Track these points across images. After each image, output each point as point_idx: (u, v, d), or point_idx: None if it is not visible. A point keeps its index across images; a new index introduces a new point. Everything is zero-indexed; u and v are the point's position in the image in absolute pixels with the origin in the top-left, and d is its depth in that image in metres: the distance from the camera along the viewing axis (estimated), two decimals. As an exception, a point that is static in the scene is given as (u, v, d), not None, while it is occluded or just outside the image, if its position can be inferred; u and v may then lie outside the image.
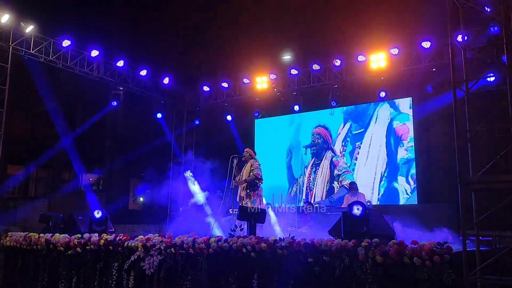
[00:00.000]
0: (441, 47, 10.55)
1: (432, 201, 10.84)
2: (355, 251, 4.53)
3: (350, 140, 12.50)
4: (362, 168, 12.18)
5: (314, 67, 12.29)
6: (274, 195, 10.78)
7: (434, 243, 4.29)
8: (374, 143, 12.11)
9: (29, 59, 10.91)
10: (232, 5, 14.13)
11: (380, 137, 12.03)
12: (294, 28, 13.65)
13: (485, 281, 4.41)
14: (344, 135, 12.63)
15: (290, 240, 4.97)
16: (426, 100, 11.43)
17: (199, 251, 5.46)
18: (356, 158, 12.32)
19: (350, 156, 12.42)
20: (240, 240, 5.24)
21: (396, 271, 4.33)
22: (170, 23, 16.15)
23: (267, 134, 14.07)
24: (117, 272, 6.03)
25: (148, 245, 5.81)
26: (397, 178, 11.57)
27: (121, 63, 12.71)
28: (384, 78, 11.42)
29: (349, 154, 12.46)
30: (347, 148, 12.53)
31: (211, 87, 14.25)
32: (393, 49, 11.06)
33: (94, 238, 6.38)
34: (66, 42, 11.25)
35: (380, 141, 12.02)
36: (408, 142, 11.61)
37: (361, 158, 12.25)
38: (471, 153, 4.92)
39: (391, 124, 11.94)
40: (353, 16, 11.98)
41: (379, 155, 11.99)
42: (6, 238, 7.63)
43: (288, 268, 4.88)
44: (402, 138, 11.73)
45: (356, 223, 5.00)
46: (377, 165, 11.97)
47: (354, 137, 12.45)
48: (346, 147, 12.53)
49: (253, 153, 8.10)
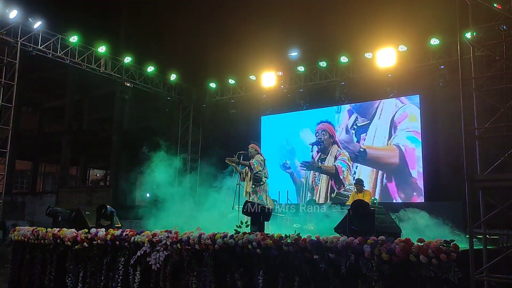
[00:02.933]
0: (449, 44, 10.46)
1: (439, 199, 10.78)
2: (361, 249, 4.51)
3: (355, 132, 12.46)
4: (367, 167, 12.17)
5: (321, 64, 12.25)
6: (280, 192, 10.81)
7: (441, 241, 4.26)
8: (378, 136, 12.07)
9: (37, 55, 10.96)
10: (239, 2, 14.12)
11: (384, 130, 11.99)
12: (301, 25, 13.60)
13: (492, 279, 4.38)
14: (349, 127, 12.60)
15: (295, 237, 4.97)
16: (434, 98, 11.36)
17: (205, 247, 5.47)
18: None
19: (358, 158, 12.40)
20: (246, 237, 5.24)
21: (402, 269, 4.31)
22: (177, 20, 16.18)
23: (273, 131, 14.06)
24: (123, 267, 6.06)
25: (155, 241, 5.83)
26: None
27: (128, 59, 12.75)
28: (392, 75, 11.34)
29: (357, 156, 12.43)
30: (353, 139, 12.50)
31: (217, 84, 14.26)
32: (401, 46, 10.99)
33: (101, 233, 6.42)
34: (73, 38, 11.31)
35: (384, 134, 11.98)
36: (406, 131, 11.56)
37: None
38: (479, 151, 4.89)
39: (394, 117, 11.90)
40: (361, 13, 11.91)
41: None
42: (14, 233, 7.68)
43: (293, 265, 4.88)
44: (396, 125, 11.71)
45: (362, 220, 4.98)
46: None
47: (359, 129, 12.41)
48: (352, 138, 12.50)
49: (258, 149, 8.10)
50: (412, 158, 11.47)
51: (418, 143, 11.44)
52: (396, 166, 11.71)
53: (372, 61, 11.51)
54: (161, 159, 9.23)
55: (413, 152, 11.49)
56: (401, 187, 11.56)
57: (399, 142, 11.74)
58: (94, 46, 11.94)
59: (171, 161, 9.46)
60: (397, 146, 11.75)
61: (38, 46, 10.83)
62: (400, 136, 11.73)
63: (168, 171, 9.44)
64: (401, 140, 11.71)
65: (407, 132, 11.63)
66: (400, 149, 11.70)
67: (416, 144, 11.46)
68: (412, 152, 11.51)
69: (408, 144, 11.58)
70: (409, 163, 11.50)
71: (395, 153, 11.73)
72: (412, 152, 11.50)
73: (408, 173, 11.48)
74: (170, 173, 9.74)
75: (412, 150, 11.51)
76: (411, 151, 11.51)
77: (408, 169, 11.50)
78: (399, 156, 11.68)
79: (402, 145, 11.69)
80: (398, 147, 11.73)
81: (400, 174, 11.63)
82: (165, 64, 14.06)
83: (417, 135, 11.47)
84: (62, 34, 11.27)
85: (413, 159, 11.46)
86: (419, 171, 11.31)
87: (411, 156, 11.51)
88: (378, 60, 11.35)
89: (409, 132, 11.59)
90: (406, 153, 11.60)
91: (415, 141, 11.49)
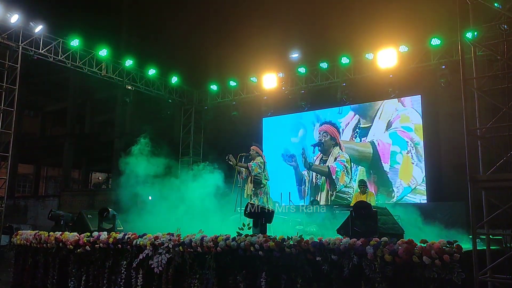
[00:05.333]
0: (451, 44, 10.45)
1: (441, 199, 10.75)
2: (363, 250, 4.50)
3: (358, 134, 12.46)
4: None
5: (321, 65, 12.25)
6: (282, 194, 10.77)
7: (444, 242, 4.24)
8: (378, 138, 12.10)
9: (38, 59, 10.99)
10: (240, 4, 14.13)
11: (381, 132, 12.04)
12: (301, 26, 13.60)
13: (495, 280, 4.36)
14: (352, 128, 12.61)
15: (298, 239, 4.96)
16: (435, 98, 11.33)
17: (207, 249, 5.46)
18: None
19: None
20: (248, 239, 5.24)
21: (405, 270, 4.30)
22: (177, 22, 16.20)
23: (275, 133, 14.05)
24: (126, 270, 6.07)
25: (157, 244, 5.83)
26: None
27: (130, 62, 12.77)
28: (393, 75, 11.33)
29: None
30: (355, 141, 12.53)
31: (219, 86, 14.27)
32: (402, 47, 10.97)
33: (103, 236, 6.42)
34: (75, 41, 11.33)
35: (382, 136, 12.02)
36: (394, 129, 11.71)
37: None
38: (481, 151, 4.87)
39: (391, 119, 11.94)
40: (361, 14, 11.91)
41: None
42: (16, 237, 7.70)
43: (296, 267, 4.86)
44: (393, 125, 11.78)
45: (365, 221, 4.96)
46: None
47: (362, 131, 12.41)
48: (355, 140, 12.51)
49: (260, 151, 8.08)
50: (385, 153, 11.70)
51: (399, 140, 11.60)
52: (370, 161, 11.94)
53: (373, 61, 11.49)
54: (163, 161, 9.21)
55: (387, 147, 11.70)
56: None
57: (375, 138, 12.05)
58: (95, 49, 11.96)
59: (172, 163, 9.45)
60: (371, 142, 12.03)
61: (39, 50, 10.86)
62: (384, 135, 11.92)
63: (170, 173, 9.42)
64: (380, 137, 11.98)
65: (395, 130, 11.75)
66: (373, 144, 11.96)
67: (393, 141, 11.67)
68: (387, 147, 11.72)
69: (384, 140, 11.84)
70: (382, 157, 11.74)
71: (368, 147, 12.07)
72: (386, 147, 11.73)
73: (381, 166, 11.70)
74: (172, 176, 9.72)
75: (387, 145, 11.72)
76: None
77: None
78: (372, 151, 11.94)
79: (376, 140, 11.97)
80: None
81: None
82: (166, 66, 14.08)
83: (402, 134, 11.60)
84: (63, 38, 11.30)
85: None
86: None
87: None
88: (379, 61, 11.32)
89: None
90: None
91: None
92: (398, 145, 11.63)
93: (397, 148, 11.63)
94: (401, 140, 11.63)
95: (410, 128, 11.56)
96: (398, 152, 11.61)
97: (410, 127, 11.57)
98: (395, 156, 11.63)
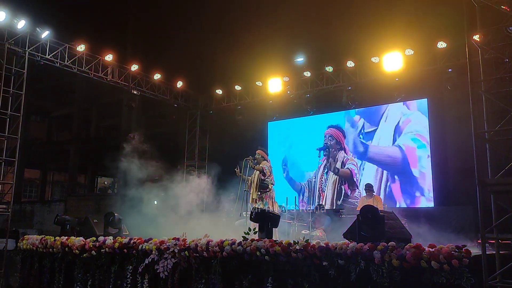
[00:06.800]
0: (457, 47, 10.39)
1: (449, 203, 10.66)
2: (371, 255, 4.46)
3: (363, 137, 12.40)
4: (372, 168, 12.14)
5: (327, 69, 12.22)
6: (288, 198, 10.74)
7: (452, 247, 4.19)
8: (383, 142, 12.02)
9: (45, 64, 11.05)
10: (245, 8, 14.15)
11: (389, 136, 11.93)
12: (306, 30, 13.59)
13: (505, 285, 4.30)
14: (357, 133, 12.55)
15: (304, 243, 4.92)
16: (442, 101, 11.26)
17: (213, 254, 5.44)
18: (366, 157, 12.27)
19: (362, 155, 12.35)
20: (254, 243, 5.21)
21: (413, 275, 4.25)
22: (182, 27, 16.26)
23: (280, 137, 14.02)
24: (131, 275, 6.05)
25: (162, 248, 5.82)
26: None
27: (135, 67, 12.82)
28: (399, 79, 11.28)
29: (360, 153, 12.41)
30: (358, 146, 12.43)
31: (224, 90, 14.28)
32: (408, 50, 10.93)
33: (109, 241, 6.42)
34: (81, 47, 11.40)
35: (388, 140, 11.93)
36: (410, 134, 11.55)
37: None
38: (489, 154, 4.82)
39: (399, 123, 11.84)
40: (367, 17, 11.87)
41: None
42: (22, 241, 7.72)
43: (302, 272, 4.83)
44: (401, 130, 11.69)
45: (372, 226, 4.92)
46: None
47: (366, 136, 12.35)
48: (358, 145, 12.43)
49: (265, 155, 8.07)
50: (413, 157, 11.46)
51: (421, 144, 11.39)
52: (399, 165, 11.69)
53: (379, 65, 11.45)
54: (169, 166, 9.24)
55: (413, 152, 11.48)
56: (404, 186, 11.51)
57: (400, 142, 11.79)
58: (101, 54, 12.02)
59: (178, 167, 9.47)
60: (398, 146, 11.79)
61: (46, 56, 10.92)
62: (404, 138, 11.72)
63: (175, 178, 9.44)
64: (403, 141, 11.73)
65: (411, 134, 11.61)
66: (401, 148, 11.73)
67: (418, 145, 11.44)
68: (412, 151, 11.50)
69: (409, 144, 11.59)
70: (410, 161, 11.49)
71: (397, 151, 11.78)
72: (412, 151, 11.50)
73: (410, 172, 11.45)
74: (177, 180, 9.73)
75: (412, 149, 11.50)
76: (412, 150, 11.51)
77: (410, 167, 11.48)
78: (401, 156, 11.68)
79: (402, 144, 11.72)
80: (399, 146, 11.76)
81: (403, 174, 11.59)
82: (172, 71, 14.11)
83: (420, 138, 11.43)
84: (70, 43, 11.36)
85: (414, 158, 11.44)
86: (422, 171, 11.24)
87: (411, 154, 11.50)
88: (385, 64, 11.28)
89: (412, 134, 11.57)
90: (406, 151, 11.60)
91: (417, 141, 11.49)
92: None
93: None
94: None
95: (421, 131, 11.49)
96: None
97: (420, 130, 11.49)
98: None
